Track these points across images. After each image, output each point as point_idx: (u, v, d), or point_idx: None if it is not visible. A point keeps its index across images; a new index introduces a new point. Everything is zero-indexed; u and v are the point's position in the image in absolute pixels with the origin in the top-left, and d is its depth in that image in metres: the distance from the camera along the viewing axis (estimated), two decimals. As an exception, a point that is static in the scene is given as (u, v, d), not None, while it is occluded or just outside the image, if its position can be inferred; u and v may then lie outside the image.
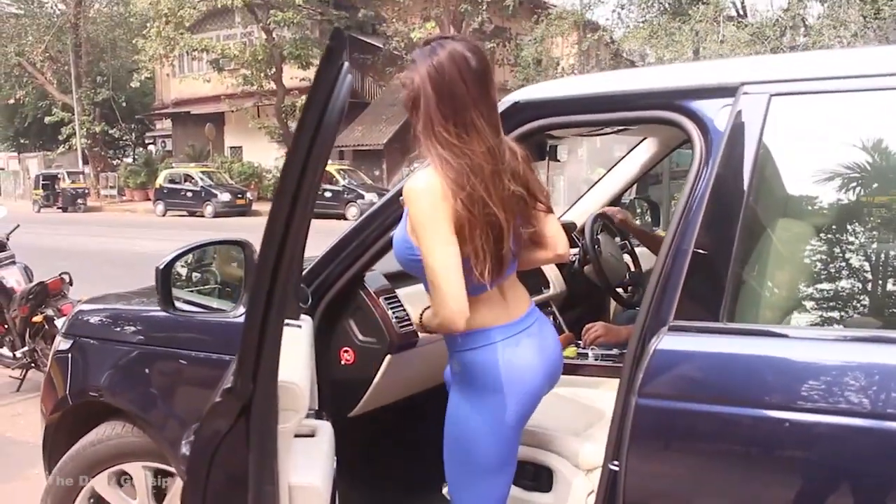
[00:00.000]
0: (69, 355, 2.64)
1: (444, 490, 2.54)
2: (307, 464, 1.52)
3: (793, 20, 19.50)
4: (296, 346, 1.71)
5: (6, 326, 5.58)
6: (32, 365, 5.35)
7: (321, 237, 2.26)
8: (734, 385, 1.63)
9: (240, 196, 24.23)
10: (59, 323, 4.81)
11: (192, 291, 2.60)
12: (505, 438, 1.84)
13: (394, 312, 2.29)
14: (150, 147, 37.86)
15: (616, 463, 1.71)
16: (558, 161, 2.78)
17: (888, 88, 1.64)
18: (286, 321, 1.84)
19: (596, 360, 2.71)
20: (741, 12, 21.39)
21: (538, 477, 2.12)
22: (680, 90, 1.84)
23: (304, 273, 2.22)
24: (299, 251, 1.29)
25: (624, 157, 3.51)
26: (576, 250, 3.11)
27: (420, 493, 2.57)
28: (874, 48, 1.89)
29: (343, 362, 2.30)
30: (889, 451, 1.48)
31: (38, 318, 5.27)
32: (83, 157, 31.77)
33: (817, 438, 1.55)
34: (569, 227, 3.24)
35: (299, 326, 1.85)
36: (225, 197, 23.94)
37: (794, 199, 1.84)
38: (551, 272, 3.21)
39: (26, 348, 5.35)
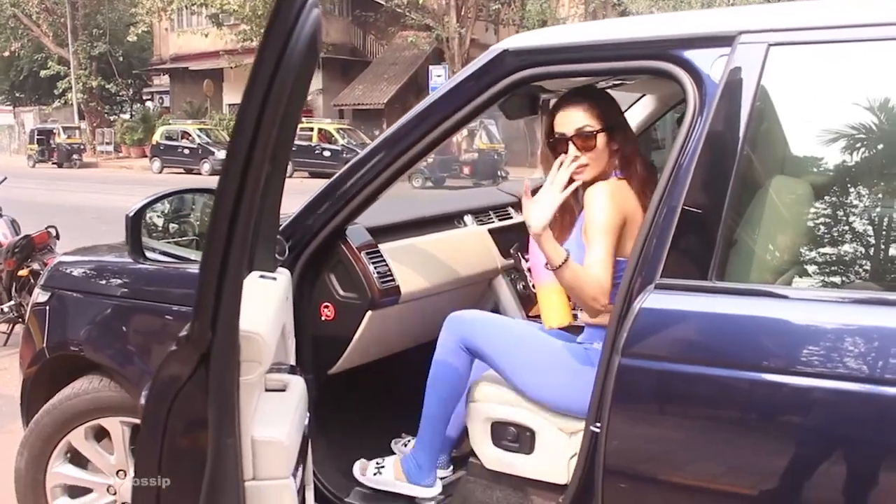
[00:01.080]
0: (47, 308, 2.58)
1: (395, 444, 2.52)
2: (273, 419, 1.47)
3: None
4: (267, 297, 1.65)
5: (-7, 280, 5.55)
6: (19, 319, 5.32)
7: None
8: (721, 346, 1.59)
9: (237, 154, 24.04)
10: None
11: (169, 242, 2.54)
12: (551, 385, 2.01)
13: (376, 268, 2.23)
14: (148, 103, 37.52)
15: (598, 425, 1.67)
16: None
17: (892, 38, 1.57)
18: (262, 274, 1.79)
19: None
20: (750, -24, 21.02)
21: (520, 439, 2.07)
22: (674, 39, 1.76)
23: (284, 225, 2.16)
24: (260, 195, 1.22)
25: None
26: None
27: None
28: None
29: (323, 318, 2.25)
30: (884, 416, 1.43)
31: (23, 272, 5.25)
32: (79, 112, 31.54)
33: (801, 401, 1.51)
34: None
35: (274, 279, 1.79)
36: (222, 154, 23.66)
37: (791, 154, 1.78)
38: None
39: (13, 302, 5.34)
